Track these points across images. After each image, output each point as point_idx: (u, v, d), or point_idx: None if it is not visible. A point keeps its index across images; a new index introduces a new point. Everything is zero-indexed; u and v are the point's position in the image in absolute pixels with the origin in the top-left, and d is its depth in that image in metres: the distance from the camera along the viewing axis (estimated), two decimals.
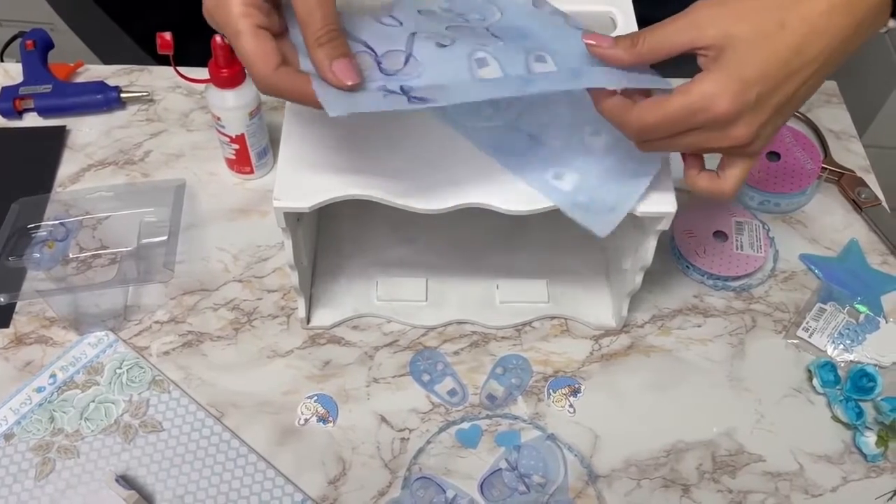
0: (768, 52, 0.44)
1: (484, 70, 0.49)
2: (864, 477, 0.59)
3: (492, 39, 0.51)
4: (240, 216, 0.73)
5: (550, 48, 0.51)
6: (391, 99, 0.46)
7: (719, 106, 0.44)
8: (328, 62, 0.45)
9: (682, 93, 0.45)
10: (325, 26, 0.45)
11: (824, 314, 0.66)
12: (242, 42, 0.45)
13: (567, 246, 0.70)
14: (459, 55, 0.49)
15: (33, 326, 0.65)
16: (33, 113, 0.79)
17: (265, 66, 0.45)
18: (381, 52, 0.48)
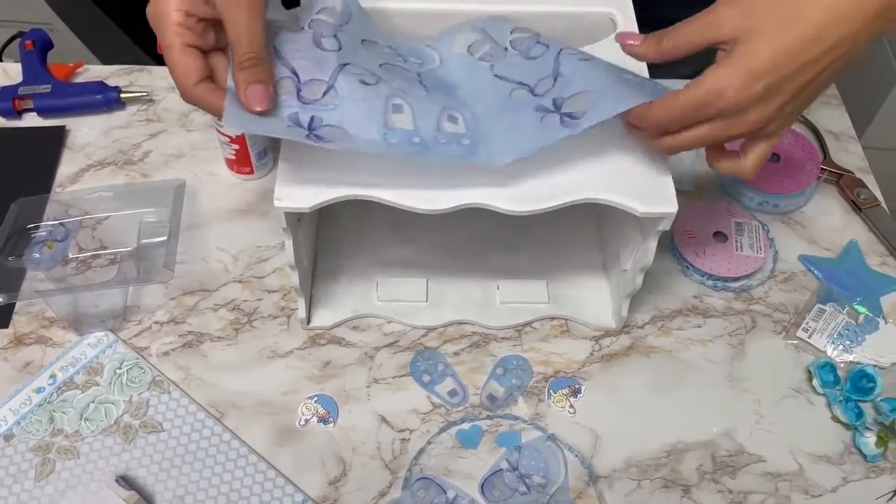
0: (779, 43, 0.45)
1: (397, 116, 0.51)
2: (864, 477, 0.59)
3: (416, 87, 0.53)
4: (240, 217, 0.73)
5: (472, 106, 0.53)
6: (292, 132, 0.49)
7: (725, 99, 0.47)
8: (244, 85, 0.49)
9: (692, 87, 0.47)
10: (249, 52, 0.49)
11: (824, 315, 0.66)
12: (170, 56, 0.49)
13: (567, 246, 0.71)
14: (379, 95, 0.51)
15: (33, 327, 0.65)
16: (32, 113, 0.79)
17: (185, 80, 0.50)
18: (304, 80, 0.51)
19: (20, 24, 1.23)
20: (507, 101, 0.53)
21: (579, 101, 0.51)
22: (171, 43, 0.49)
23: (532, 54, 0.56)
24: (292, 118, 0.50)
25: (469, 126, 0.52)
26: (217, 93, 0.50)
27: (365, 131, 0.50)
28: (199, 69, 0.50)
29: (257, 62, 0.49)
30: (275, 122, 0.50)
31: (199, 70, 0.50)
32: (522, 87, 0.54)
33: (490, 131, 0.52)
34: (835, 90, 0.84)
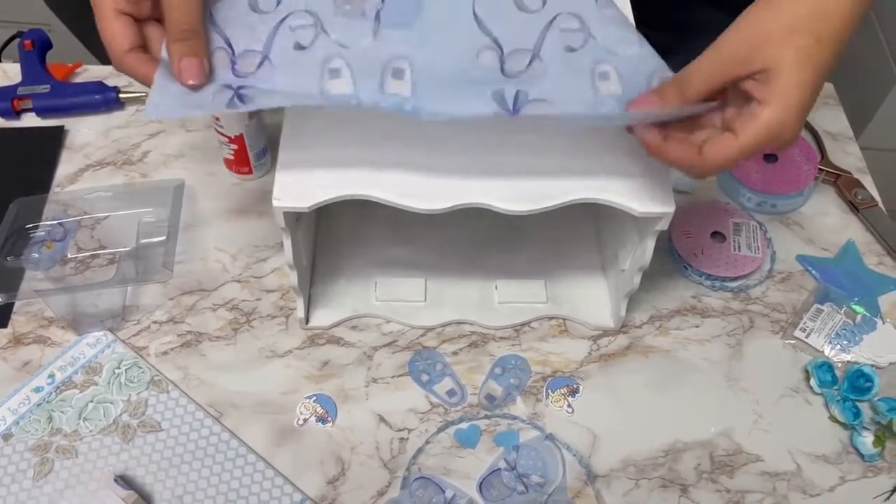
0: (812, 69, 0.45)
1: (334, 82, 0.49)
2: (862, 477, 0.60)
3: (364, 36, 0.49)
4: (238, 216, 0.73)
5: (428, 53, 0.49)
6: (219, 98, 0.48)
7: (786, 135, 0.46)
8: (178, 58, 0.48)
9: (751, 127, 0.46)
10: (183, 23, 0.48)
11: (821, 315, 0.67)
12: (102, 23, 0.49)
13: (565, 247, 0.71)
14: (314, 61, 0.49)
15: (32, 326, 0.65)
16: (31, 113, 0.79)
17: (116, 47, 0.49)
18: (238, 51, 0.50)
19: (19, 24, 1.23)
20: (470, 66, 0.49)
21: (538, 108, 0.48)
22: (103, 10, 0.49)
23: (525, 5, 0.51)
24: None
25: (416, 84, 0.48)
26: (149, 63, 0.49)
27: (299, 97, 0.49)
28: (131, 36, 0.49)
29: (191, 35, 0.48)
30: (201, 97, 0.48)
31: (131, 38, 0.49)
32: (494, 50, 0.49)
33: (434, 103, 0.48)
34: (832, 91, 0.85)
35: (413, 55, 0.49)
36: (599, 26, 0.51)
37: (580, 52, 0.50)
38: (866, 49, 1.19)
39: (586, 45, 0.50)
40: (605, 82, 0.49)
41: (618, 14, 0.51)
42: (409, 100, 0.48)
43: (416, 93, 0.48)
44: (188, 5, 0.48)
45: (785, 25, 0.45)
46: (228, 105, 0.48)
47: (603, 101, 0.49)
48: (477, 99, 0.48)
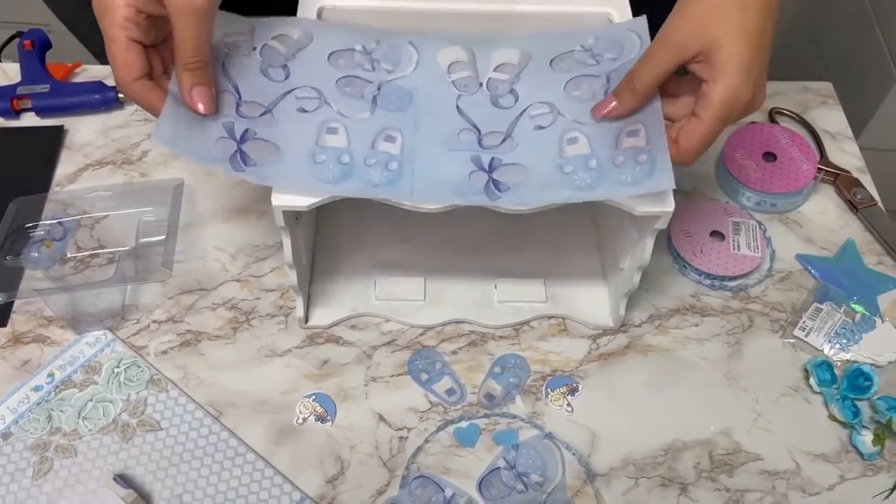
0: (745, 35, 0.49)
1: (330, 136, 0.54)
2: (861, 475, 0.60)
3: (362, 111, 0.55)
4: (238, 216, 0.73)
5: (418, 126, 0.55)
6: (221, 146, 0.52)
7: (739, 102, 0.50)
8: (189, 86, 0.51)
9: (708, 107, 0.50)
10: (194, 55, 0.51)
11: (821, 314, 0.67)
12: (112, 49, 0.50)
13: (565, 246, 0.71)
14: (315, 121, 0.54)
15: (31, 325, 0.65)
16: (31, 113, 0.79)
17: (125, 74, 0.51)
18: (244, 99, 0.54)
19: (18, 24, 1.23)
20: (453, 138, 0.54)
21: (511, 172, 0.53)
22: (116, 36, 0.50)
23: (500, 103, 0.57)
24: (227, 127, 0.52)
25: (405, 147, 0.54)
26: (156, 91, 0.52)
27: (294, 147, 0.53)
28: (141, 65, 0.51)
29: (202, 64, 0.51)
30: (206, 135, 0.52)
31: (141, 66, 0.51)
32: (473, 131, 0.55)
33: (420, 164, 0.53)
34: (832, 90, 0.85)
35: (404, 128, 0.55)
36: (567, 106, 0.56)
37: (549, 128, 0.55)
38: (865, 50, 1.19)
39: (555, 123, 0.55)
40: (572, 146, 0.54)
41: (586, 93, 0.56)
42: (397, 157, 0.53)
43: (404, 153, 0.53)
44: (199, 37, 0.50)
45: (709, 7, 0.50)
46: (231, 162, 0.51)
47: (570, 161, 0.53)
48: (457, 163, 0.53)
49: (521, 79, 0.58)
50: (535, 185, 0.52)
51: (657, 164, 0.51)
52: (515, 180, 0.53)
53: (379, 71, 0.58)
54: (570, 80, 0.57)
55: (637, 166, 0.51)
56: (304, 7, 0.61)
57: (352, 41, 0.59)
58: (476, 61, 0.58)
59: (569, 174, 0.52)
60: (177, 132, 0.51)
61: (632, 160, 0.52)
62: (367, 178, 0.52)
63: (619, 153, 0.52)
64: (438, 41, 0.59)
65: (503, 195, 0.52)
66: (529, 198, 0.52)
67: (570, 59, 0.58)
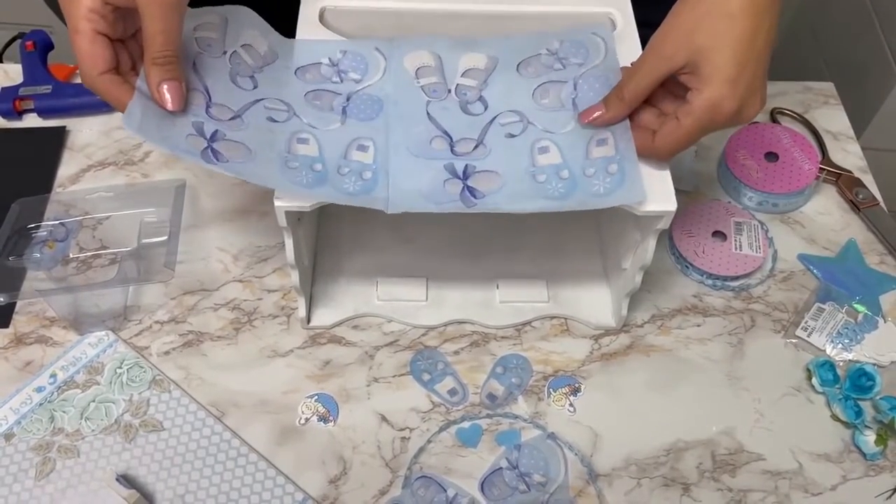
0: (731, 44, 0.49)
1: (301, 146, 0.53)
2: (864, 475, 0.59)
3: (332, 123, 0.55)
4: (240, 217, 0.73)
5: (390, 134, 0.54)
6: (191, 143, 0.50)
7: (723, 112, 0.50)
8: (157, 81, 0.50)
9: (688, 114, 0.51)
10: (164, 49, 0.49)
11: (823, 314, 0.66)
12: (78, 41, 0.49)
13: (566, 246, 0.71)
14: (285, 131, 0.54)
15: (33, 326, 0.65)
16: (33, 114, 0.79)
17: (91, 68, 0.49)
18: (214, 100, 0.53)
19: (21, 26, 1.23)
20: (425, 146, 0.54)
21: (485, 179, 0.53)
22: (82, 28, 0.49)
23: (470, 110, 0.57)
24: (196, 126, 0.51)
25: (378, 156, 0.53)
26: (123, 87, 0.50)
27: (266, 151, 0.52)
28: (107, 59, 0.50)
29: (171, 60, 0.50)
30: (175, 131, 0.50)
31: (107, 60, 0.50)
32: (444, 138, 0.55)
33: (394, 171, 0.53)
34: (833, 91, 0.85)
35: (376, 137, 0.54)
36: (537, 115, 0.56)
37: (520, 137, 0.55)
38: (866, 49, 1.19)
39: (525, 131, 0.55)
40: (544, 155, 0.54)
41: (554, 102, 0.57)
42: (370, 166, 0.53)
43: (378, 162, 0.53)
44: (169, 31, 0.49)
45: (696, 17, 0.50)
46: (203, 155, 0.50)
47: (542, 169, 0.53)
48: (431, 170, 0.53)
49: (488, 84, 0.58)
50: (510, 192, 0.52)
51: (626, 175, 0.52)
52: (490, 187, 0.53)
53: (347, 82, 0.57)
54: (537, 88, 0.57)
55: (608, 177, 0.52)
56: (306, 7, 0.61)
57: (316, 55, 0.58)
58: (443, 66, 0.58)
59: (542, 183, 0.53)
60: (146, 121, 0.50)
61: (602, 171, 0.52)
62: (341, 186, 0.52)
63: (589, 164, 0.53)
64: (405, 46, 0.59)
65: (479, 202, 0.52)
66: (505, 205, 0.52)
67: (537, 63, 0.59)
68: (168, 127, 0.50)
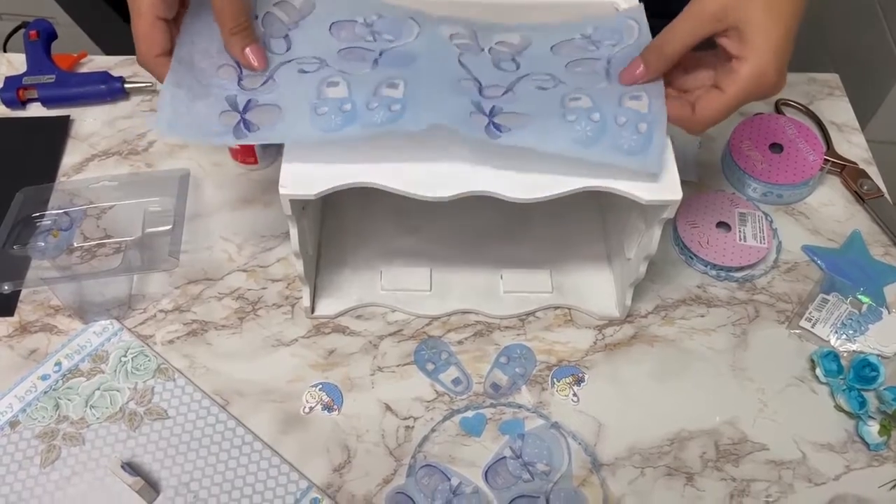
0: (778, 17, 0.49)
1: (331, 89, 0.54)
2: (867, 465, 0.60)
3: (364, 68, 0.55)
4: (244, 206, 0.73)
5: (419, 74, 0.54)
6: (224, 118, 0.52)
7: (769, 81, 0.49)
8: (240, 48, 0.54)
9: (734, 82, 0.50)
10: (234, 20, 0.53)
11: (827, 305, 0.66)
12: (139, 24, 0.52)
13: (571, 236, 0.71)
14: (315, 78, 0.55)
15: (38, 315, 0.66)
16: (37, 103, 0.79)
17: (149, 51, 0.53)
18: (245, 71, 0.55)
19: (24, 16, 1.23)
20: (454, 83, 0.54)
21: (511, 118, 0.53)
22: (144, 12, 0.52)
23: (502, 66, 0.57)
24: (230, 100, 0.53)
25: (407, 90, 0.53)
26: None
27: (297, 104, 0.53)
28: (164, 42, 0.53)
29: (245, 26, 0.54)
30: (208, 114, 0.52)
31: (164, 43, 0.53)
32: (474, 82, 0.55)
33: (422, 98, 0.53)
34: (838, 82, 0.85)
35: (407, 77, 0.54)
36: (569, 78, 0.56)
37: (550, 90, 0.55)
38: (872, 41, 1.19)
39: (557, 87, 0.55)
40: (575, 101, 0.53)
41: (587, 69, 0.56)
42: (400, 100, 0.52)
43: (406, 96, 0.53)
44: (236, 4, 0.53)
45: None
46: (235, 132, 0.52)
47: (573, 111, 0.52)
48: (458, 104, 0.53)
49: (522, 55, 0.58)
50: (538, 128, 0.51)
51: (653, 140, 0.51)
52: (517, 123, 0.52)
53: (380, 41, 0.58)
54: (570, 62, 0.57)
55: (636, 134, 0.51)
56: None
57: (354, 13, 0.59)
58: (477, 38, 0.58)
59: (571, 122, 0.52)
60: (177, 118, 0.51)
61: (633, 125, 0.52)
62: (370, 120, 0.52)
63: (621, 112, 0.52)
64: (439, 20, 0.59)
65: (504, 135, 0.51)
66: (531, 140, 0.51)
67: (571, 46, 0.59)
68: (201, 109, 0.52)
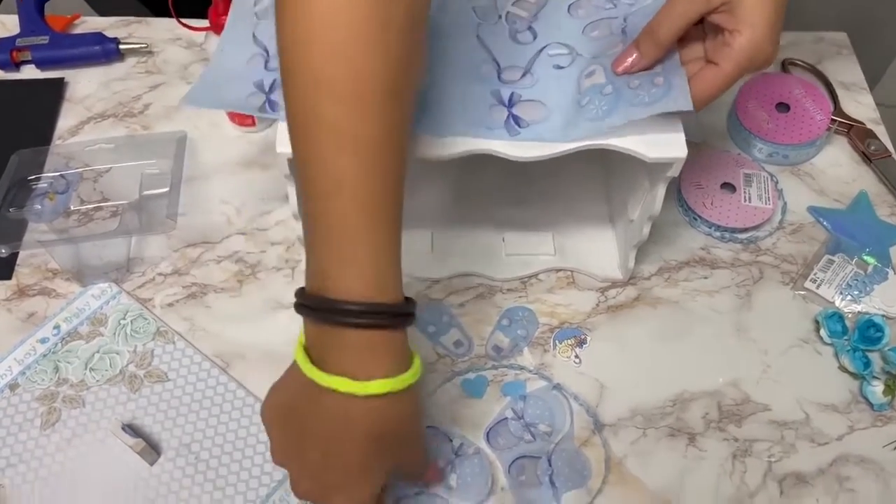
0: None
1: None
2: (871, 425, 0.59)
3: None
4: (242, 169, 0.72)
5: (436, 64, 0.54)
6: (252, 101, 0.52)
7: (765, 53, 0.49)
8: None
9: (729, 58, 0.49)
10: None
11: (832, 265, 0.66)
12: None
13: (573, 198, 0.70)
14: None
15: (36, 278, 0.65)
16: (31, 65, 0.78)
17: None
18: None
19: None
20: (474, 70, 0.54)
21: (530, 108, 0.53)
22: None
23: (518, 38, 0.56)
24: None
25: (430, 79, 0.53)
26: None
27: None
28: None
29: None
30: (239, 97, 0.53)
31: None
32: (492, 64, 0.55)
33: (443, 96, 0.53)
34: (846, 41, 0.83)
35: (430, 62, 0.53)
36: (585, 46, 0.55)
37: (568, 68, 0.54)
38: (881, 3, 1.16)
39: (573, 63, 0.55)
40: (589, 78, 0.53)
41: (604, 31, 0.56)
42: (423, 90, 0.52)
43: (429, 84, 0.52)
44: None
45: None
46: (260, 109, 0.52)
47: (586, 93, 0.52)
48: (477, 96, 0.53)
49: (538, 18, 0.57)
50: (555, 123, 0.52)
51: (674, 86, 0.50)
52: (535, 117, 0.52)
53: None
54: (587, 24, 0.56)
55: (653, 87, 0.51)
56: None
57: None
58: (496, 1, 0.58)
59: (584, 106, 0.52)
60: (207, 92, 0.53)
61: (648, 83, 0.51)
62: None
63: (634, 77, 0.52)
64: None
65: (522, 132, 0.51)
66: (549, 136, 0.51)
67: (588, 6, 0.58)
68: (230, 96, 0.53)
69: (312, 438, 0.45)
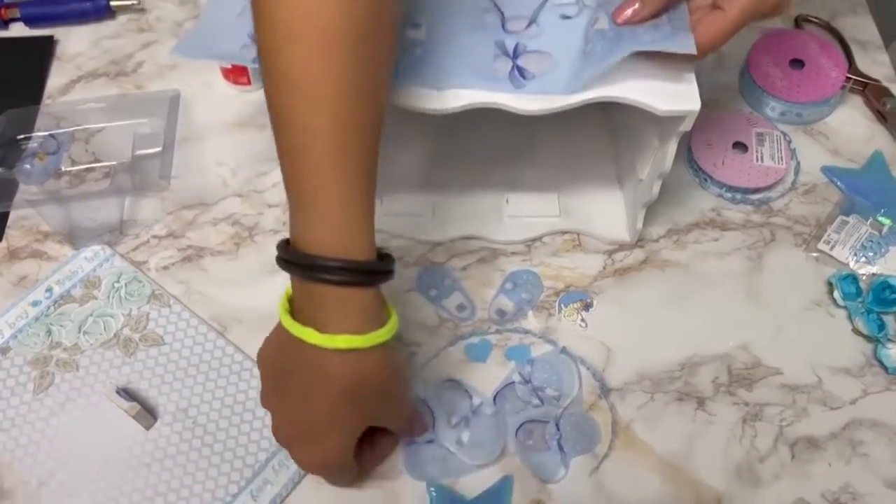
0: None
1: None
2: (885, 389, 0.58)
3: None
4: (237, 129, 0.70)
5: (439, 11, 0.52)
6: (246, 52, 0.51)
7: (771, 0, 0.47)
8: None
9: (735, 4, 0.47)
10: None
11: (846, 227, 0.64)
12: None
13: (579, 157, 0.68)
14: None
15: (27, 241, 0.63)
16: (19, 23, 0.75)
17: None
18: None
19: None
20: (477, 19, 0.52)
21: (535, 59, 0.51)
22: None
23: None
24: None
25: (428, 33, 0.51)
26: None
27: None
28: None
29: None
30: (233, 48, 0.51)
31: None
32: (496, 12, 0.53)
33: (443, 48, 0.51)
34: None
35: (429, 12, 0.52)
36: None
37: (574, 18, 0.52)
38: None
39: (581, 13, 0.52)
40: (594, 26, 0.51)
41: None
42: (423, 43, 0.51)
43: (429, 38, 0.51)
44: None
45: None
46: (254, 61, 0.49)
47: (590, 39, 0.50)
48: (481, 46, 0.51)
49: None
50: (563, 74, 0.50)
51: (679, 28, 0.48)
52: (541, 69, 0.50)
53: None
54: None
55: (656, 31, 0.49)
56: None
57: None
58: None
59: (588, 53, 0.50)
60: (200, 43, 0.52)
61: (651, 27, 0.49)
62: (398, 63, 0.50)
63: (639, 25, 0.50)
64: None
65: (528, 84, 0.49)
66: (554, 88, 0.49)
67: None
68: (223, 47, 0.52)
69: (293, 387, 0.46)
